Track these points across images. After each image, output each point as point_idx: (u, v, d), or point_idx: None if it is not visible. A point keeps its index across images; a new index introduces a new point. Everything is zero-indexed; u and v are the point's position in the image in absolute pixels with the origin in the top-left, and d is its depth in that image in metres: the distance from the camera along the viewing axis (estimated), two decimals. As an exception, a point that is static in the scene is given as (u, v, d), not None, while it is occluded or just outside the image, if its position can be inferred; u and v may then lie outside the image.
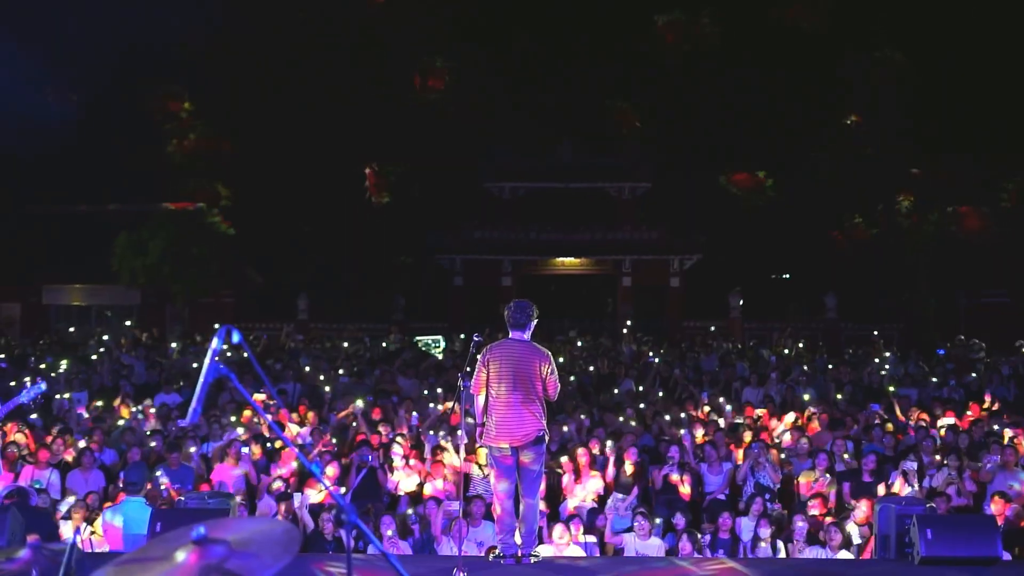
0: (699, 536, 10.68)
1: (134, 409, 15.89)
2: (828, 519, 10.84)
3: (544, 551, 8.96)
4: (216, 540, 3.09)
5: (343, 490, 11.77)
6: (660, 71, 37.83)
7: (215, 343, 3.38)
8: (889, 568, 8.41)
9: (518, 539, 8.34)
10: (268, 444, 13.37)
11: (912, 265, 35.99)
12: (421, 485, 12.35)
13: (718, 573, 8.21)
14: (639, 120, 38.49)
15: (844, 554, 10.10)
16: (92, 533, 9.95)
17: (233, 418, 14.65)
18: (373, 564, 8.03)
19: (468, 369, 8.28)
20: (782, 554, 10.48)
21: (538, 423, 8.17)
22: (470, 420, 8.58)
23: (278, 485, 11.68)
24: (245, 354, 17.90)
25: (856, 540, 10.46)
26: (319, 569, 7.77)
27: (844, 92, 36.04)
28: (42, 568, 4.91)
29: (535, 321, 8.44)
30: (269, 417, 3.79)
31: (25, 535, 7.88)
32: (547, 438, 8.46)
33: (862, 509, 10.80)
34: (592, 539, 11.05)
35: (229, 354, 17.61)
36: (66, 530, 10.03)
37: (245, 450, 12.80)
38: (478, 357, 8.38)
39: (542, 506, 10.40)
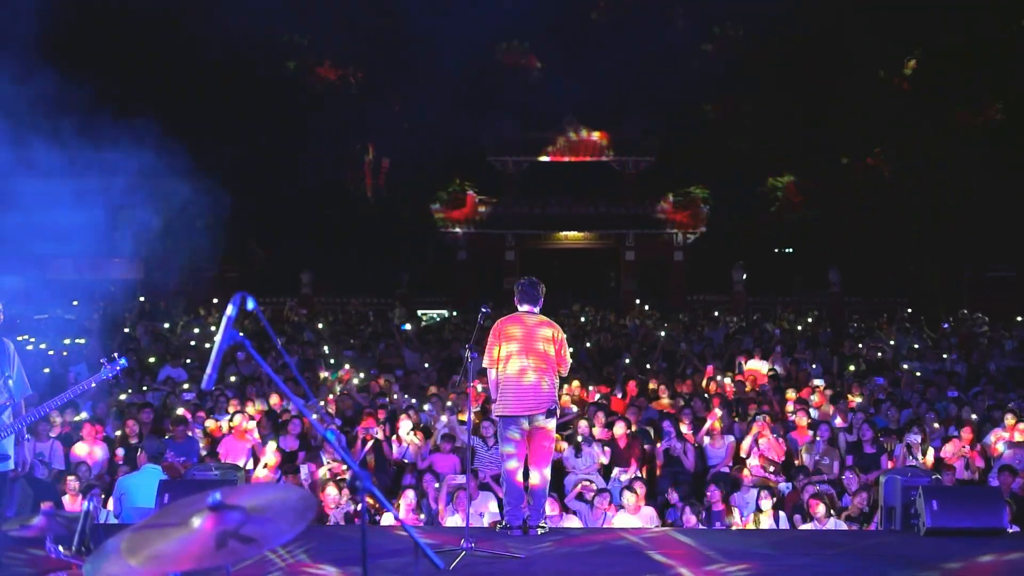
0: (700, 508, 10.73)
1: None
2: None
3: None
4: (232, 506, 3.10)
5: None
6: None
7: (230, 310, 3.37)
8: (895, 539, 8.45)
9: (526, 510, 8.38)
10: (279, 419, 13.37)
11: (917, 237, 35.81)
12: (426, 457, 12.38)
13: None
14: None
15: (843, 525, 10.15)
16: (104, 503, 10.02)
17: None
18: (386, 533, 8.07)
19: (474, 342, 8.31)
20: (784, 526, 10.51)
21: (550, 394, 8.23)
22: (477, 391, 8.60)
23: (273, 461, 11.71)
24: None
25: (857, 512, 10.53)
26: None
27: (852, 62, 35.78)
28: (56, 535, 4.93)
29: (543, 299, 8.55)
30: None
31: (34, 504, 7.91)
32: (558, 411, 8.51)
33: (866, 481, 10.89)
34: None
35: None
36: (70, 501, 10.07)
37: (251, 424, 12.83)
38: (489, 329, 8.43)
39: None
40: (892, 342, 21.07)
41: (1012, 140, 32.81)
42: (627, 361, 18.62)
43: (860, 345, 20.60)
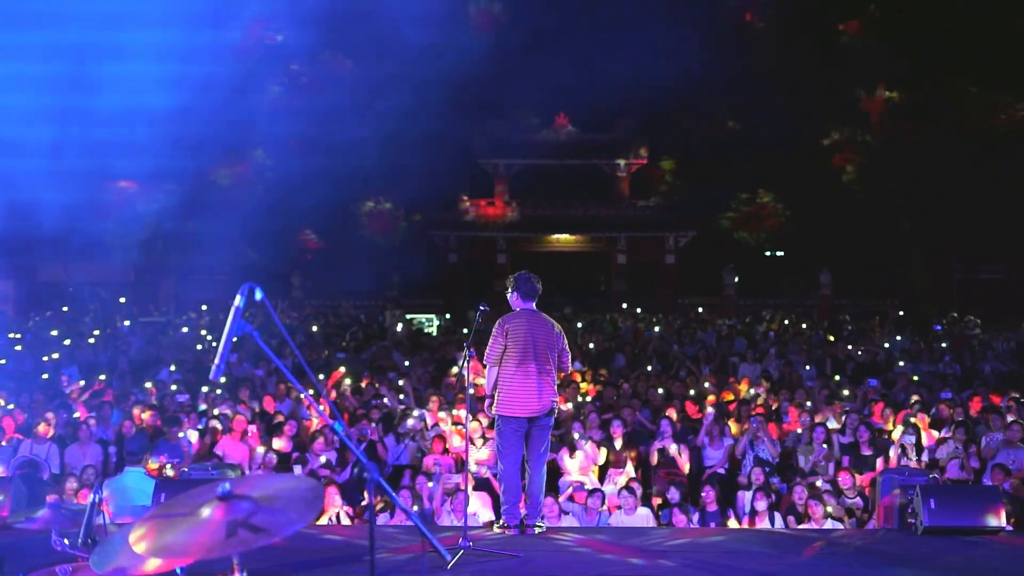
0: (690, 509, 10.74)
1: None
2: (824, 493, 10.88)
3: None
4: (242, 496, 3.08)
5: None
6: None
7: (238, 300, 3.35)
8: (892, 538, 8.42)
9: (523, 509, 8.35)
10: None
11: (907, 236, 35.84)
12: (422, 457, 12.34)
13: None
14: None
15: (840, 525, 10.15)
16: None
17: None
18: (387, 530, 8.03)
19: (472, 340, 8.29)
20: (779, 526, 10.51)
21: (553, 394, 8.22)
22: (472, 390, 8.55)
23: (271, 456, 11.68)
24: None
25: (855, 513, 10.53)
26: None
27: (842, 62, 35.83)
28: (61, 528, 4.91)
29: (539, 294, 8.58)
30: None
31: (35, 503, 7.85)
32: (557, 411, 8.48)
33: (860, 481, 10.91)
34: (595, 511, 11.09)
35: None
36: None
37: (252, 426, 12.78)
38: (493, 328, 8.39)
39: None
40: (886, 344, 21.11)
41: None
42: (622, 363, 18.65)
43: (851, 347, 20.64)
